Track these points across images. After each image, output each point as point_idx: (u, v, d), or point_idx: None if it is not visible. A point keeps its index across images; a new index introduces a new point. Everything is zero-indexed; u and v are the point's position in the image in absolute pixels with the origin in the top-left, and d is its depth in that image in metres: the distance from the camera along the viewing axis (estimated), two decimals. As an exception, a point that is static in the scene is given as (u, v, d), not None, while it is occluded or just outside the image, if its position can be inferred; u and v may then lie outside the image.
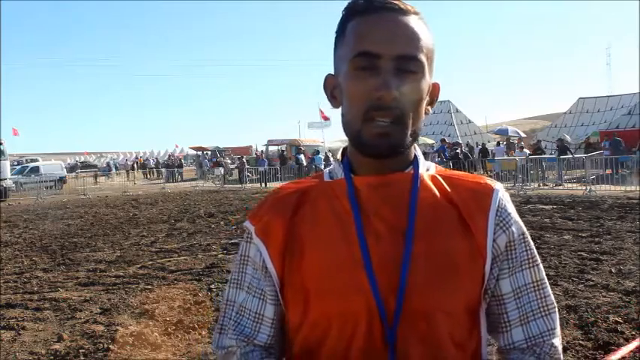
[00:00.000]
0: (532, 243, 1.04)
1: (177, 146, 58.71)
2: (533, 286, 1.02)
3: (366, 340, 0.94)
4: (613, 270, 6.25)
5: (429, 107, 1.02)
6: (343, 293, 0.94)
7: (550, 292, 1.04)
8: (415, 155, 1.03)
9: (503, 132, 30.96)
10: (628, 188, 15.20)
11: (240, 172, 27.67)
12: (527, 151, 21.66)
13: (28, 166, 32.38)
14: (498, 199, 1.00)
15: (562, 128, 31.37)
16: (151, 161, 43.01)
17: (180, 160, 41.14)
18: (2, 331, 5.04)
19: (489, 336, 1.06)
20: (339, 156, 1.07)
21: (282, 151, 35.90)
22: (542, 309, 1.01)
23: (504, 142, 26.17)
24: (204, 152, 39.44)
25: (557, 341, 1.02)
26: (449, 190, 1.00)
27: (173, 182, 31.26)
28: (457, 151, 22.36)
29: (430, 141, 29.31)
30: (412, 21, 0.95)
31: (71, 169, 41.32)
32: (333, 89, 1.03)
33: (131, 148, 74.29)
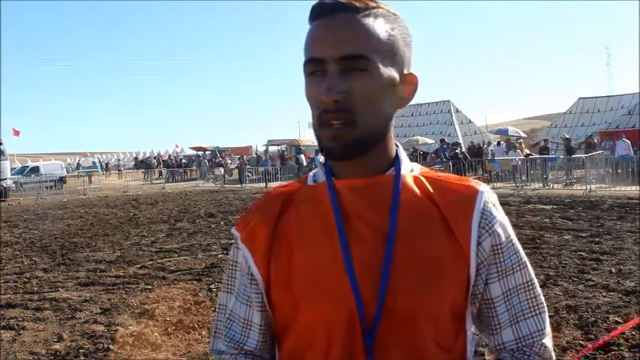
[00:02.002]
0: (519, 244, 1.03)
1: (177, 146, 58.54)
2: (523, 288, 1.00)
3: (347, 345, 0.92)
4: (613, 270, 6.25)
5: (402, 101, 1.00)
6: (327, 297, 0.93)
7: (540, 292, 1.03)
8: (397, 156, 1.02)
9: (503, 132, 30.95)
10: (626, 188, 15.20)
11: (240, 172, 27.67)
12: (526, 150, 21.67)
13: (28, 166, 32.38)
14: (483, 201, 0.98)
15: (562, 128, 31.33)
16: (154, 161, 42.91)
17: (181, 160, 41.03)
18: (2, 331, 5.05)
19: (482, 335, 1.05)
20: (322, 159, 1.06)
21: (283, 151, 35.91)
22: (531, 309, 1.00)
23: (504, 142, 26.15)
24: (205, 152, 39.44)
25: (548, 341, 1.00)
26: (432, 192, 0.98)
27: (173, 182, 31.28)
28: (457, 151, 22.35)
29: (430, 141, 29.27)
30: (361, 18, 0.94)
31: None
32: None
33: (131, 148, 74.27)
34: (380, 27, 0.95)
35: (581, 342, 4.15)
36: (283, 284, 0.97)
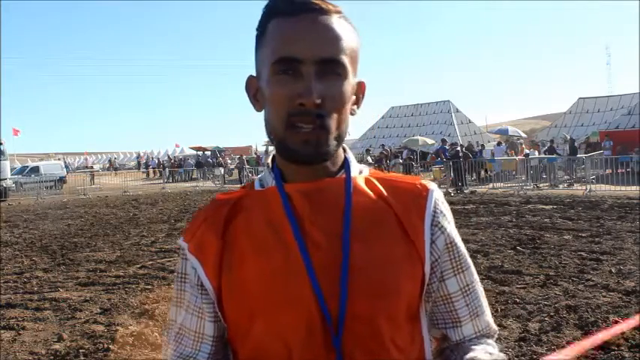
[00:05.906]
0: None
1: (177, 146, 58.56)
2: (475, 284, 1.05)
3: (307, 348, 0.91)
4: (613, 270, 6.24)
5: (354, 107, 0.99)
6: (285, 302, 0.92)
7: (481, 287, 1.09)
8: (346, 158, 1.01)
9: (503, 132, 30.95)
10: (627, 188, 15.20)
11: (239, 172, 27.69)
12: (527, 150, 21.70)
13: (28, 166, 32.37)
14: (434, 199, 0.99)
15: (562, 128, 31.40)
16: (154, 161, 42.92)
17: (181, 160, 41.10)
18: (2, 331, 5.05)
19: (436, 330, 1.06)
20: (269, 161, 1.04)
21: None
22: (483, 304, 1.06)
23: (507, 142, 26.14)
24: (204, 152, 39.44)
25: (494, 324, 1.09)
26: (384, 192, 0.98)
27: (173, 182, 31.29)
28: (457, 149, 22.33)
29: (430, 141, 29.28)
30: (334, 22, 0.92)
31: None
32: (255, 92, 1.00)
33: (131, 148, 74.36)
34: (351, 33, 0.95)
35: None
36: (237, 294, 0.95)
